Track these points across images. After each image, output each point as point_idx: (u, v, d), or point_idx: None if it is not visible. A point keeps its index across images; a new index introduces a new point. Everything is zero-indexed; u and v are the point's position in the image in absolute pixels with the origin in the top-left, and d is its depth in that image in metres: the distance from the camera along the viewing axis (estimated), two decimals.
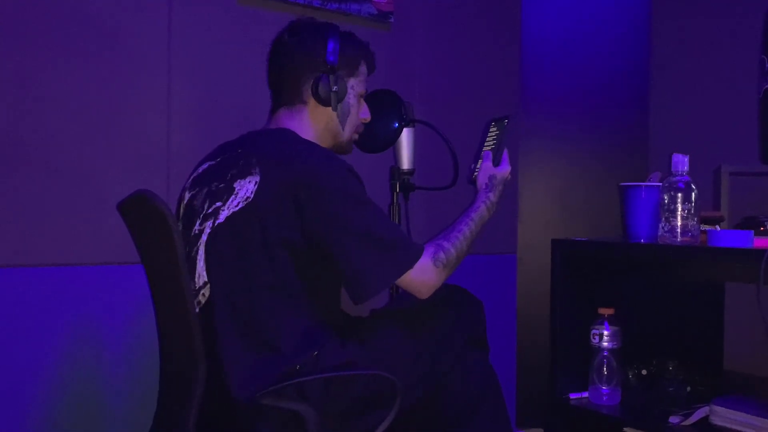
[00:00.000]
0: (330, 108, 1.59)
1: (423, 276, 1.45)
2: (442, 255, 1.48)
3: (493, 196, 1.66)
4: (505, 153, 1.73)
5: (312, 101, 1.58)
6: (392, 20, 2.42)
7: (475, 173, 1.73)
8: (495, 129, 1.77)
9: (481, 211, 1.62)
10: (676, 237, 1.72)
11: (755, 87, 2.05)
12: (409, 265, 1.43)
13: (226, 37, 2.12)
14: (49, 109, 1.86)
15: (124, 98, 1.96)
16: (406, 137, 1.88)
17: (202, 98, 2.09)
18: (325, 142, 1.63)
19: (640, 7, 3.10)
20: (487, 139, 1.77)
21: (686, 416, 1.76)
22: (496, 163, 1.71)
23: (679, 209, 1.72)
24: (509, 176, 1.72)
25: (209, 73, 2.09)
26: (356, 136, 1.69)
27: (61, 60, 1.87)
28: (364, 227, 1.42)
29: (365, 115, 1.68)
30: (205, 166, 1.58)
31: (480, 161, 1.73)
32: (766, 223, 1.74)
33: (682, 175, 1.74)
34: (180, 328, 1.33)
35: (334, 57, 1.56)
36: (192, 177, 1.59)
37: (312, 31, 1.59)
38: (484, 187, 1.68)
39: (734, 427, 1.67)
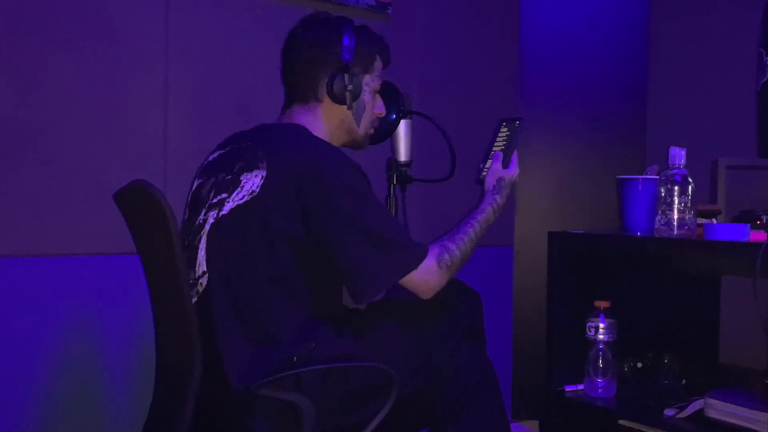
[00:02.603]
0: (345, 106, 1.58)
1: (426, 277, 1.45)
2: (446, 256, 1.48)
3: (500, 199, 1.66)
4: (515, 155, 1.72)
5: (326, 99, 1.57)
6: (390, 11, 2.41)
7: (484, 173, 1.71)
8: (506, 130, 1.75)
9: (487, 213, 1.62)
10: (672, 230, 1.72)
11: (753, 80, 2.04)
12: (413, 266, 1.43)
13: (223, 30, 2.11)
14: (47, 103, 1.85)
15: (121, 92, 1.95)
16: (403, 129, 1.88)
17: (200, 92, 2.08)
18: (339, 139, 1.63)
19: (638, 0, 3.10)
20: (498, 139, 1.76)
21: (681, 409, 1.76)
22: (506, 165, 1.70)
23: (676, 202, 1.72)
24: (517, 179, 1.72)
25: (207, 66, 2.08)
26: (372, 131, 1.69)
27: (59, 54, 1.86)
28: (368, 226, 1.42)
29: (380, 109, 1.68)
30: (216, 154, 1.58)
31: (489, 161, 1.72)
32: (762, 216, 1.75)
33: (679, 168, 1.74)
34: (176, 318, 1.33)
35: (350, 55, 1.55)
36: (202, 165, 1.59)
37: (326, 27, 1.58)
38: (491, 188, 1.67)
39: (729, 420, 1.68)
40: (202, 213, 1.48)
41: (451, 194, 2.34)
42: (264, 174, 1.42)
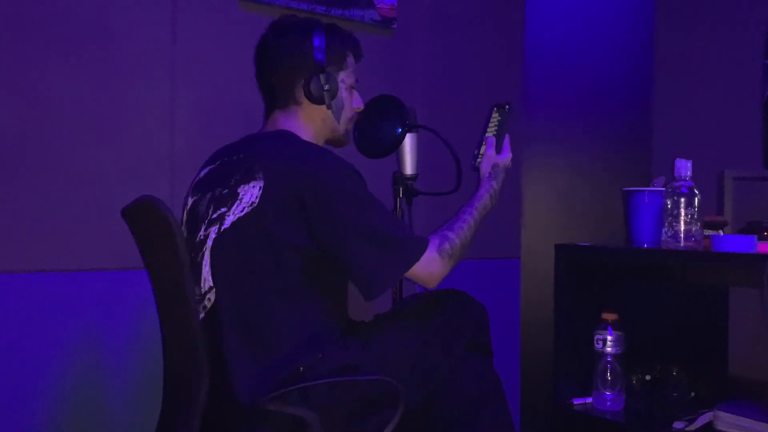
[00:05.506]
0: (324, 106, 1.60)
1: (429, 268, 1.47)
2: (447, 246, 1.50)
3: (496, 184, 1.69)
4: (507, 139, 1.75)
5: (305, 101, 1.59)
6: (395, 26, 2.42)
7: (478, 160, 1.74)
8: (497, 115, 1.79)
9: (485, 200, 1.65)
10: (679, 242, 1.72)
11: (759, 91, 2.05)
12: (415, 259, 1.45)
13: (229, 42, 2.12)
14: (53, 113, 1.86)
15: (128, 103, 1.97)
16: (409, 143, 1.88)
17: (206, 103, 2.09)
18: (323, 138, 1.65)
19: (643, 11, 3.10)
20: (490, 125, 1.79)
21: (690, 422, 1.75)
22: (498, 150, 1.73)
23: (683, 214, 1.72)
24: (510, 163, 1.75)
25: (212, 78, 2.10)
26: (351, 126, 1.71)
27: (64, 68, 1.88)
28: (369, 226, 1.43)
29: (358, 104, 1.70)
30: (206, 170, 1.58)
31: (483, 147, 1.75)
32: None
33: (685, 179, 1.74)
34: (183, 334, 1.34)
35: (322, 55, 1.57)
36: (194, 182, 1.59)
37: (296, 31, 1.59)
38: (487, 175, 1.70)
39: None
40: (203, 229, 1.49)
41: (457, 207, 2.34)
42: (262, 185, 1.43)
